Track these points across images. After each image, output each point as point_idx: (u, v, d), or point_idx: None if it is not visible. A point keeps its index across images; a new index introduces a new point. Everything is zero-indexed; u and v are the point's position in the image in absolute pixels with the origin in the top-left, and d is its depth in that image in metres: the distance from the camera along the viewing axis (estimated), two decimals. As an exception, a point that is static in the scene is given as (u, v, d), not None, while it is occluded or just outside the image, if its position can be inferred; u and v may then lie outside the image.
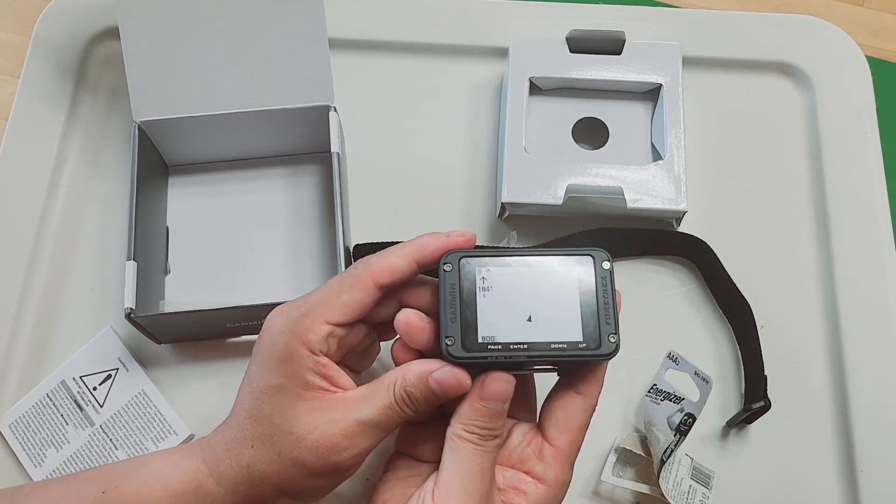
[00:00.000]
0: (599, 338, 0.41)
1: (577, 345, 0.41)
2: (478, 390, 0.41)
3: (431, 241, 0.42)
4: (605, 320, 0.41)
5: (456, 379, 0.41)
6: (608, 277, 0.42)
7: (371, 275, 0.42)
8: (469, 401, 0.41)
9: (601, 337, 0.41)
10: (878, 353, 0.56)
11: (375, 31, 0.66)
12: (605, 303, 0.41)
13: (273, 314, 0.43)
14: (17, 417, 0.54)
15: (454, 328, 0.41)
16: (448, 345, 0.41)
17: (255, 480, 0.42)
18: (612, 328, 0.41)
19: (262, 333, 0.43)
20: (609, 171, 0.57)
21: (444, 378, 0.41)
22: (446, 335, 0.41)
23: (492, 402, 0.41)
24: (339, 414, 0.41)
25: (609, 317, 0.41)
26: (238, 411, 0.43)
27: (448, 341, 0.41)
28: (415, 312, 0.42)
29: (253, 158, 0.61)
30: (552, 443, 0.43)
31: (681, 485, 0.51)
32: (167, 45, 0.54)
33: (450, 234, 0.43)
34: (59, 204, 0.60)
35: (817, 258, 0.59)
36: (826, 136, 0.62)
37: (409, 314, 0.42)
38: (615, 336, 0.41)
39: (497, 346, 0.41)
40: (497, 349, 0.41)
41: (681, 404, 0.51)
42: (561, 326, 0.41)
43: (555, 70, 0.60)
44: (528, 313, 0.41)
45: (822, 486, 0.53)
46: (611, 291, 0.42)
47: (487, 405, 0.41)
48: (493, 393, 0.41)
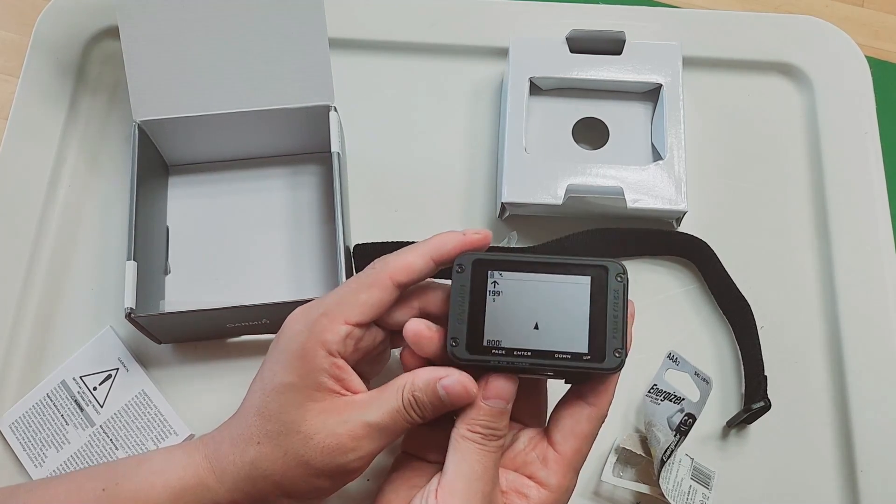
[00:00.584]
0: (605, 351, 0.40)
1: (581, 356, 0.41)
2: (482, 390, 0.41)
3: (448, 239, 0.43)
4: (613, 334, 0.41)
5: (463, 388, 0.41)
6: (621, 291, 0.41)
7: (389, 274, 0.42)
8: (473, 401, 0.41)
9: (607, 350, 0.41)
10: (878, 352, 0.56)
11: (375, 31, 0.66)
12: (614, 316, 0.41)
13: (293, 315, 0.43)
14: (18, 417, 0.54)
15: (460, 330, 0.41)
16: (453, 346, 0.41)
17: (257, 478, 0.42)
18: (618, 342, 0.41)
19: (280, 333, 0.43)
20: (609, 171, 0.57)
21: (452, 386, 0.41)
22: (452, 336, 0.41)
23: (494, 401, 0.41)
24: (346, 415, 0.41)
25: (617, 331, 0.41)
26: (247, 408, 0.43)
27: (453, 342, 0.41)
28: (423, 322, 0.42)
29: (253, 158, 0.61)
30: (557, 449, 0.42)
31: (681, 485, 0.51)
32: (167, 44, 0.54)
33: (466, 231, 0.43)
34: (59, 203, 0.60)
35: (817, 258, 0.59)
36: (826, 136, 0.62)
37: (418, 324, 0.42)
38: (621, 351, 0.41)
39: (501, 351, 0.41)
40: (501, 354, 0.41)
41: (681, 404, 0.51)
42: (567, 337, 0.41)
43: (555, 70, 0.60)
44: (536, 321, 0.41)
45: (822, 486, 0.53)
46: (622, 305, 0.41)
47: (490, 404, 0.41)
48: (496, 392, 0.41)
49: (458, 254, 0.42)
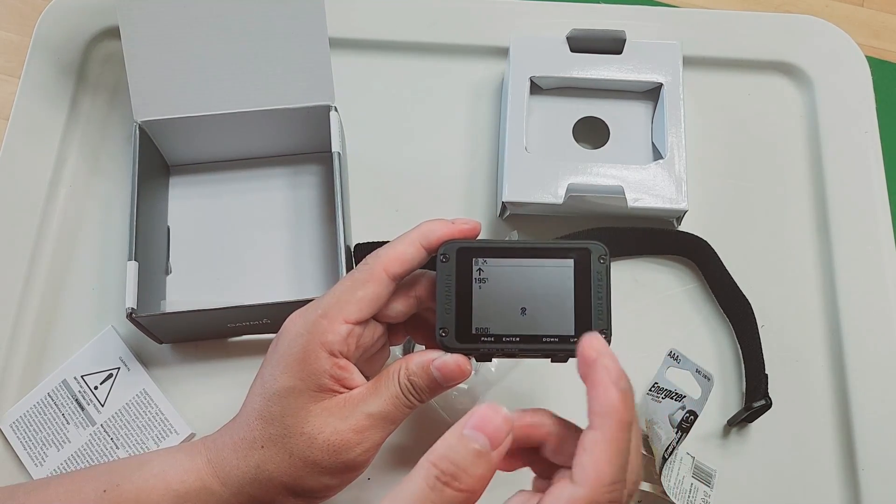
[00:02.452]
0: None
1: (568, 339, 0.41)
2: (466, 418, 0.35)
3: (437, 226, 0.43)
4: (598, 316, 0.41)
5: (457, 365, 0.41)
6: (604, 272, 0.42)
7: (383, 267, 0.42)
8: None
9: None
10: (878, 351, 0.56)
11: (375, 31, 0.66)
12: (598, 297, 0.41)
13: (291, 318, 0.43)
14: (19, 417, 0.54)
15: (449, 319, 0.42)
16: (442, 335, 0.41)
17: (263, 480, 0.42)
18: (604, 323, 0.41)
19: (279, 337, 0.43)
20: (610, 170, 0.57)
21: (445, 365, 0.41)
22: (441, 326, 0.41)
23: (474, 433, 0.35)
24: (347, 410, 0.41)
25: (602, 312, 0.41)
26: (247, 412, 0.43)
27: (442, 332, 0.41)
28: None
29: (254, 158, 0.61)
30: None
31: (682, 483, 0.51)
32: (167, 44, 0.54)
33: (455, 220, 0.43)
34: (60, 204, 0.60)
35: (817, 258, 0.59)
36: (826, 135, 0.62)
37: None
38: (606, 333, 0.41)
39: (490, 338, 0.41)
40: (490, 341, 0.41)
41: (682, 402, 0.51)
42: (554, 320, 0.41)
43: (555, 69, 0.60)
44: (522, 305, 0.42)
45: (822, 485, 0.53)
46: (605, 286, 0.42)
47: (469, 435, 0.34)
48: (480, 421, 0.35)
49: (447, 239, 0.42)
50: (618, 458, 0.34)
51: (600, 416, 0.35)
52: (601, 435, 0.35)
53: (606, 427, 0.35)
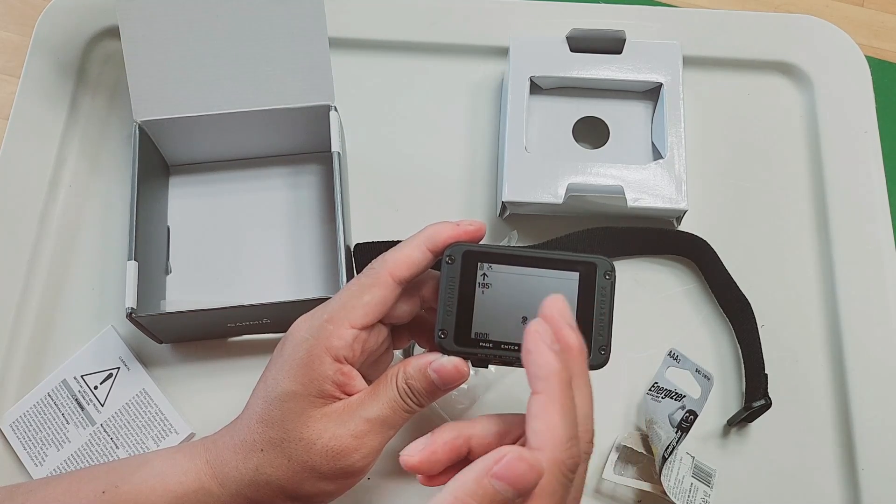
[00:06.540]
0: (590, 348, 0.41)
1: None
2: (492, 462, 0.34)
3: (442, 229, 0.43)
4: (599, 332, 0.41)
5: (454, 367, 0.41)
6: (608, 288, 0.41)
7: (389, 271, 0.42)
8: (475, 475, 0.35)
9: (592, 348, 0.41)
10: (878, 351, 0.56)
11: (375, 31, 0.66)
12: (600, 313, 0.41)
13: (297, 323, 0.43)
14: (19, 416, 0.54)
15: (449, 321, 0.42)
16: (441, 337, 0.41)
17: (261, 483, 0.42)
18: (603, 340, 0.41)
19: (284, 341, 0.43)
20: (609, 170, 0.57)
21: (442, 367, 0.41)
22: (441, 327, 0.42)
23: (502, 484, 0.34)
24: (346, 416, 0.41)
25: (603, 328, 0.41)
26: (249, 414, 0.43)
27: (441, 334, 0.42)
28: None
29: (253, 158, 0.61)
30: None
31: (682, 483, 0.51)
32: (167, 44, 0.55)
33: (460, 223, 0.43)
34: (60, 204, 0.60)
35: (817, 258, 0.59)
36: (826, 136, 0.62)
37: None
38: (605, 349, 0.41)
39: (488, 344, 0.41)
40: (488, 347, 0.41)
41: (682, 401, 0.51)
42: None
43: (555, 69, 0.60)
44: (524, 314, 0.41)
45: (823, 485, 0.53)
46: (608, 303, 0.41)
47: (497, 486, 0.34)
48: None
49: (454, 241, 0.42)
50: (568, 415, 0.36)
51: (541, 378, 0.36)
52: (546, 397, 0.35)
53: (549, 388, 0.36)
